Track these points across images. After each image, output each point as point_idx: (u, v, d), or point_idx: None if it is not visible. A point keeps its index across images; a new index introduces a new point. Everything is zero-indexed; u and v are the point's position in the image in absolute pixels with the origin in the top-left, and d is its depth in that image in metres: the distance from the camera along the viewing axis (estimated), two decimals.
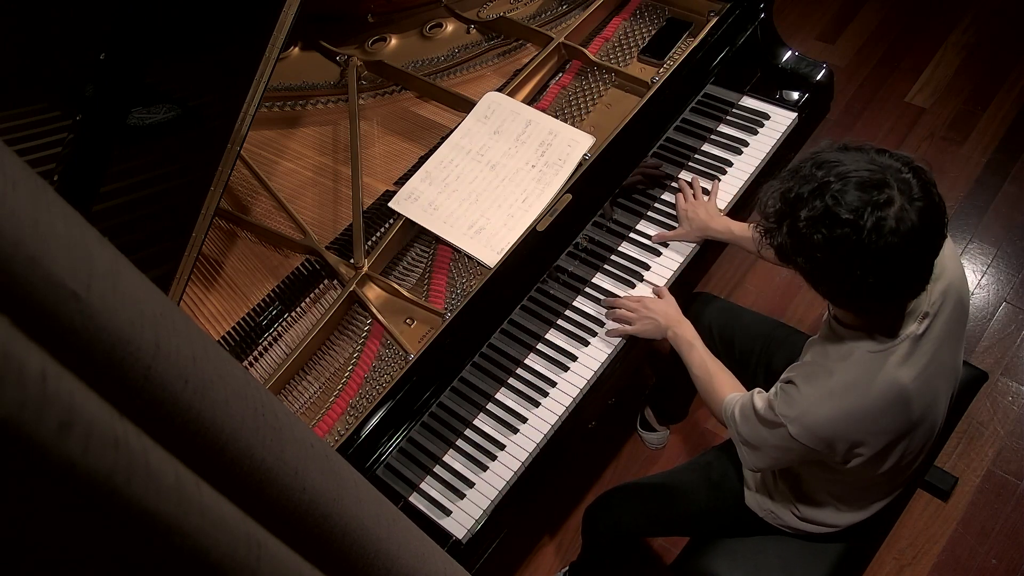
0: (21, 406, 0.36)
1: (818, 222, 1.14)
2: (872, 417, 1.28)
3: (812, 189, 1.15)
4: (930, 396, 1.34)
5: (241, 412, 0.55)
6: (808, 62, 2.02)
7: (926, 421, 1.36)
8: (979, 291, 2.55)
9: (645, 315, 1.66)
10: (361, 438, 1.51)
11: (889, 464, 1.39)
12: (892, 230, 1.11)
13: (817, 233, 1.14)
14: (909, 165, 1.16)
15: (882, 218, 1.11)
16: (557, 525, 2.27)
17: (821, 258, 1.16)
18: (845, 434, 1.30)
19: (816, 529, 1.57)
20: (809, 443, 1.31)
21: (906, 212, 1.11)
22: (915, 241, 1.12)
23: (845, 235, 1.12)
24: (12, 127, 1.59)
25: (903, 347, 1.26)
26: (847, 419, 1.28)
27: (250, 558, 0.51)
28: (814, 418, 1.29)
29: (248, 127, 1.53)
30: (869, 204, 1.11)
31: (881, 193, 1.11)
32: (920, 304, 1.26)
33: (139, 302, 0.47)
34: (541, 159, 1.79)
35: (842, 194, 1.12)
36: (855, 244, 1.12)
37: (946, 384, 1.39)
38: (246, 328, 1.67)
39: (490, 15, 2.10)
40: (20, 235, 0.39)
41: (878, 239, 1.11)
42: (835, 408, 1.28)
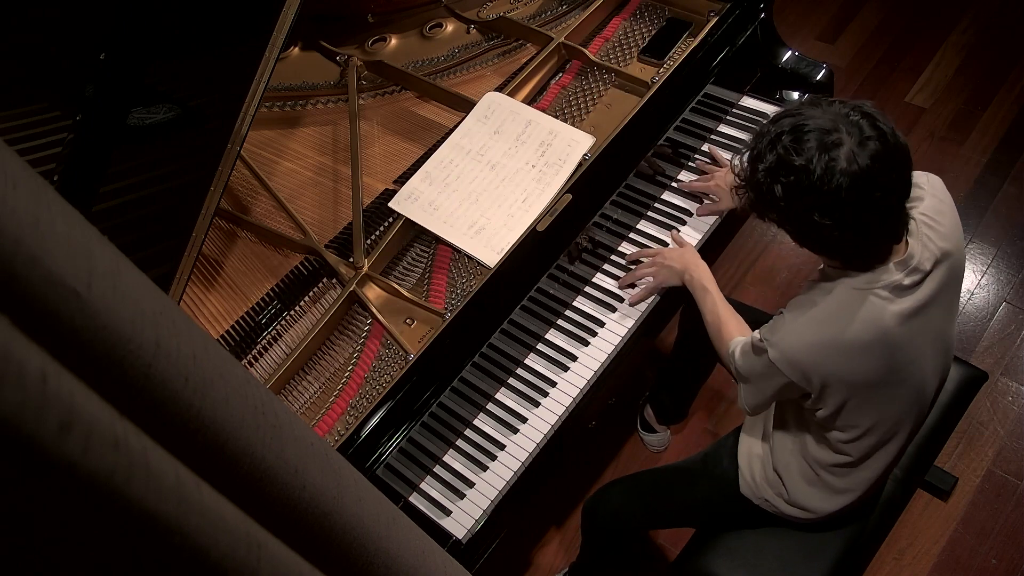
0: (21, 406, 0.36)
1: (774, 172, 1.21)
2: (849, 351, 1.30)
3: (768, 142, 1.23)
4: (915, 355, 1.35)
5: (241, 411, 0.55)
6: (808, 62, 2.02)
7: (909, 383, 1.37)
8: (979, 291, 2.55)
9: (662, 263, 1.69)
10: (361, 438, 1.51)
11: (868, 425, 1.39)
12: (843, 171, 1.16)
13: (776, 183, 1.21)
14: (860, 110, 1.21)
15: (832, 159, 1.16)
16: (557, 525, 2.27)
17: (785, 207, 1.23)
18: (820, 363, 1.31)
19: (806, 515, 1.56)
20: (785, 369, 1.32)
21: (856, 153, 1.16)
22: (868, 181, 1.17)
23: (800, 181, 1.18)
24: (12, 127, 1.59)
25: (886, 292, 1.28)
26: (824, 348, 1.30)
27: (250, 558, 0.51)
28: (792, 343, 1.32)
29: (248, 127, 1.53)
30: (818, 149, 1.17)
31: (830, 137, 1.17)
32: (912, 258, 1.28)
33: (139, 301, 0.47)
34: (541, 159, 1.79)
35: (794, 143, 1.19)
36: (810, 188, 1.18)
37: (934, 353, 1.39)
38: (246, 327, 1.67)
39: (490, 15, 2.10)
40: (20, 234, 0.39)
41: (830, 180, 1.16)
42: (814, 335, 1.30)
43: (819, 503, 1.54)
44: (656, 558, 2.19)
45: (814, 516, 1.56)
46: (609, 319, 1.74)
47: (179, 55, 1.63)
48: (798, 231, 1.27)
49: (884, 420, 1.40)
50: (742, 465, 1.63)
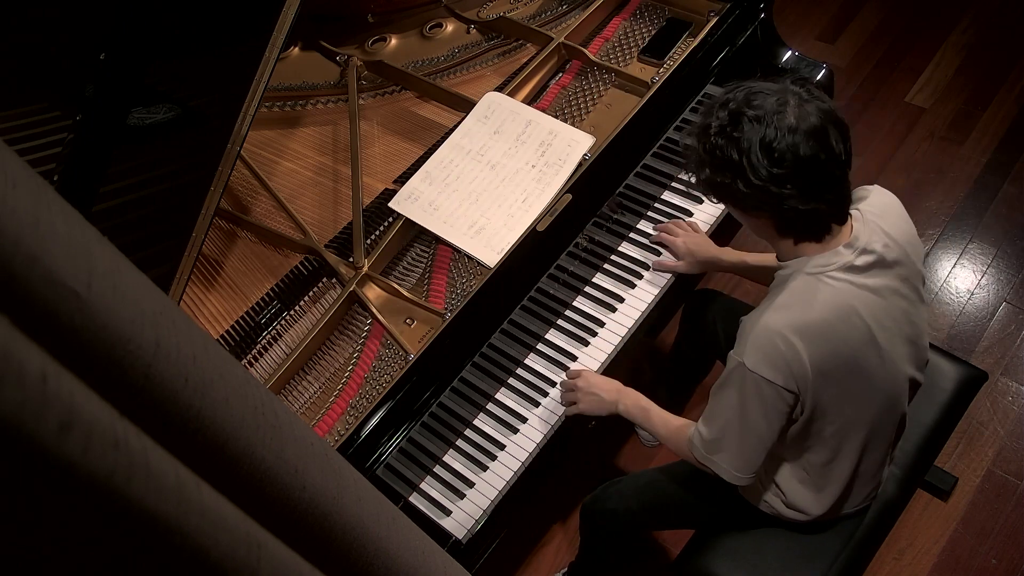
0: (21, 406, 0.36)
1: (726, 127, 1.26)
2: (819, 330, 1.30)
3: (718, 105, 1.29)
4: (884, 340, 1.35)
5: (241, 411, 0.55)
6: (808, 62, 2.02)
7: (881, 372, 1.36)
8: (979, 291, 2.55)
9: (588, 391, 1.61)
10: (361, 438, 1.51)
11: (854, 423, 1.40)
12: (791, 127, 1.23)
13: (729, 140, 1.26)
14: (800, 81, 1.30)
15: (782, 114, 1.23)
16: (557, 525, 2.27)
17: (737, 161, 1.25)
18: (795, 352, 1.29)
19: (803, 517, 1.56)
20: (765, 372, 1.29)
21: (803, 110, 1.24)
22: (815, 134, 1.23)
23: (751, 132, 1.24)
24: (12, 127, 1.59)
25: (840, 272, 1.31)
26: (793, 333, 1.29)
27: (250, 558, 0.51)
28: (762, 338, 1.31)
29: (248, 127, 1.53)
30: (768, 105, 1.24)
31: (777, 97, 1.25)
32: (857, 239, 1.32)
33: (139, 301, 0.47)
34: (541, 159, 1.79)
35: (745, 100, 1.26)
36: (762, 139, 1.23)
37: (905, 344, 1.39)
38: (246, 327, 1.67)
39: (490, 15, 2.10)
40: (20, 234, 0.39)
41: (780, 133, 1.22)
42: (780, 323, 1.30)
43: (811, 503, 1.53)
44: (656, 558, 2.19)
45: (809, 517, 1.56)
46: (609, 319, 1.74)
47: (179, 55, 1.63)
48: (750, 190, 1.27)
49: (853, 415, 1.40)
50: None
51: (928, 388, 1.75)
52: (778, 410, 1.33)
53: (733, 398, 1.35)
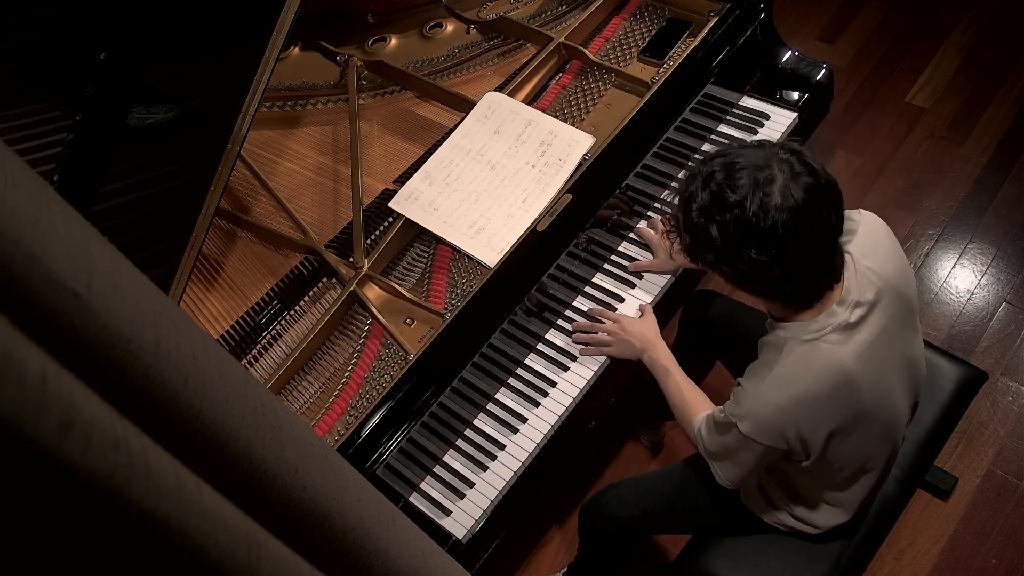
0: (21, 406, 0.36)
1: (709, 211, 1.20)
2: (817, 401, 1.29)
3: (701, 181, 1.22)
4: (881, 386, 1.34)
5: (241, 411, 0.55)
6: (808, 62, 2.02)
7: (881, 414, 1.36)
8: (979, 291, 2.55)
9: (622, 337, 1.65)
10: (361, 438, 1.51)
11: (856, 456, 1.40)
12: (777, 206, 1.16)
13: (711, 222, 1.20)
14: (789, 149, 1.21)
15: (767, 194, 1.16)
16: (557, 525, 2.27)
17: (721, 247, 1.21)
18: (793, 422, 1.30)
19: (811, 530, 1.57)
20: (760, 439, 1.31)
21: (790, 188, 1.16)
22: (802, 215, 1.16)
23: (735, 217, 1.18)
24: (12, 127, 1.59)
25: (835, 335, 1.28)
26: (792, 406, 1.29)
27: (250, 558, 0.51)
28: (760, 410, 1.30)
29: (248, 127, 1.53)
30: (752, 185, 1.17)
31: (763, 173, 1.17)
32: (849, 294, 1.28)
33: (139, 301, 0.47)
34: (541, 159, 1.79)
35: (727, 180, 1.19)
36: (746, 224, 1.17)
37: (901, 379, 1.39)
38: (246, 328, 1.67)
39: (490, 15, 2.10)
40: (20, 234, 0.39)
41: (765, 216, 1.16)
42: (779, 397, 1.29)
43: (819, 518, 1.54)
44: (656, 558, 2.19)
45: (818, 530, 1.56)
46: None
47: (179, 55, 1.63)
48: (735, 272, 1.25)
49: (862, 453, 1.41)
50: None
51: (928, 388, 1.74)
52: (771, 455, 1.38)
53: (728, 443, 1.38)
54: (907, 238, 2.67)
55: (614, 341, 1.66)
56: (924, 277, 2.59)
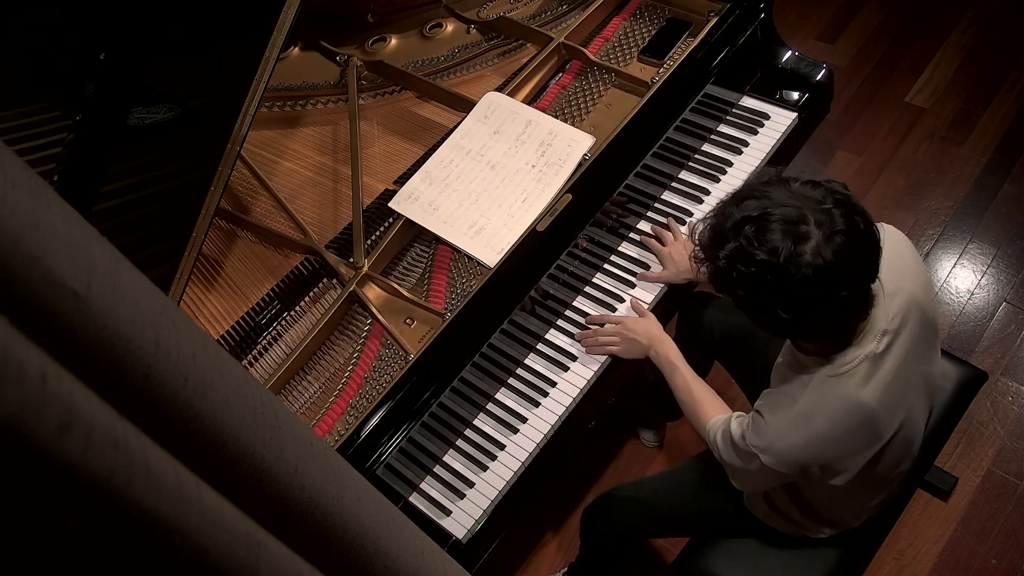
0: (21, 406, 0.36)
1: (735, 260, 1.15)
2: (839, 440, 1.29)
3: (730, 227, 1.16)
4: (901, 412, 1.33)
5: (241, 411, 0.55)
6: (808, 62, 2.02)
7: (901, 435, 1.36)
8: (979, 291, 2.55)
9: (627, 336, 1.65)
10: (361, 438, 1.51)
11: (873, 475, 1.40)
12: (808, 264, 1.10)
13: (735, 271, 1.16)
14: (834, 196, 1.14)
15: (797, 254, 1.10)
16: (557, 525, 2.27)
17: (743, 295, 1.18)
18: (815, 459, 1.31)
19: (814, 535, 1.57)
20: (782, 469, 1.32)
21: (822, 248, 1.10)
22: (834, 275, 1.12)
23: (761, 273, 1.13)
24: (12, 127, 1.59)
25: (862, 368, 1.25)
26: (814, 444, 1.29)
27: (250, 558, 0.51)
28: (782, 447, 1.29)
29: (248, 127, 1.53)
30: (785, 241, 1.11)
31: (797, 229, 1.11)
32: (876, 322, 1.25)
33: (139, 301, 0.47)
34: (541, 159, 1.79)
35: (758, 233, 1.13)
36: (771, 282, 1.13)
37: (920, 398, 1.39)
38: (246, 328, 1.67)
39: (490, 15, 2.10)
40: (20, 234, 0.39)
41: (794, 275, 1.11)
42: (801, 435, 1.28)
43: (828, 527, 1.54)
44: (656, 559, 2.19)
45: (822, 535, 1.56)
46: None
47: (179, 55, 1.63)
48: (757, 316, 1.23)
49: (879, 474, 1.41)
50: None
51: None
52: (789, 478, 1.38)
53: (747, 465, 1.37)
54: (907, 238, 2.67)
55: (620, 341, 1.65)
56: None
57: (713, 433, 1.47)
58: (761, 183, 1.21)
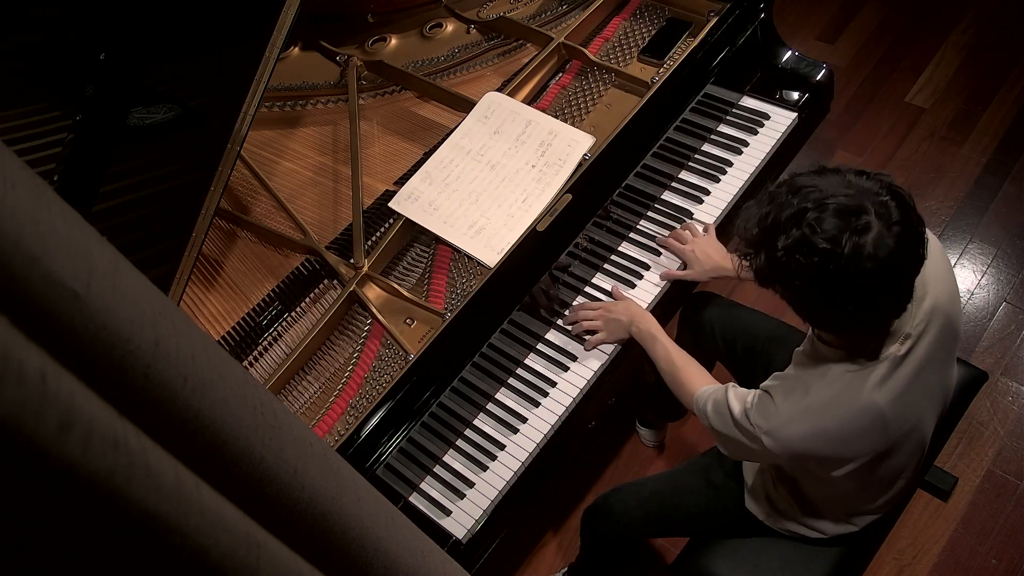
0: (21, 406, 0.36)
1: (795, 250, 1.13)
2: (845, 439, 1.28)
3: (789, 216, 1.14)
4: (912, 418, 1.33)
5: (240, 411, 0.55)
6: (808, 62, 2.02)
7: (909, 440, 1.36)
8: (979, 291, 2.55)
9: (609, 318, 1.66)
10: (361, 438, 1.51)
11: (876, 476, 1.40)
12: (870, 256, 1.10)
13: (794, 262, 1.13)
14: (888, 188, 1.14)
15: (860, 245, 1.10)
16: (557, 525, 2.27)
17: (799, 285, 1.16)
18: (817, 452, 1.30)
19: (815, 535, 1.57)
20: (781, 454, 1.31)
21: (884, 238, 1.10)
22: (893, 266, 1.11)
23: (823, 263, 1.11)
24: (12, 127, 1.59)
25: (882, 368, 1.25)
26: (820, 438, 1.28)
27: (250, 558, 0.51)
28: (788, 434, 1.29)
29: (248, 127, 1.53)
30: (846, 231, 1.10)
31: (859, 219, 1.10)
32: (903, 325, 1.25)
33: (139, 301, 0.47)
34: (541, 159, 1.79)
35: (819, 222, 1.11)
36: (833, 272, 1.11)
37: (932, 404, 1.38)
38: (246, 328, 1.67)
39: (490, 15, 2.10)
40: (20, 234, 0.39)
41: (856, 266, 1.10)
42: (809, 426, 1.28)
43: (829, 526, 1.54)
44: (655, 558, 2.19)
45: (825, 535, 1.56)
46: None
47: (179, 55, 1.63)
48: (810, 308, 1.21)
49: (884, 474, 1.41)
50: (746, 478, 1.63)
51: None
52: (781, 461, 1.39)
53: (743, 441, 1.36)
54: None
55: (602, 325, 1.67)
56: None
57: (703, 401, 1.45)
58: (812, 172, 1.19)
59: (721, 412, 1.41)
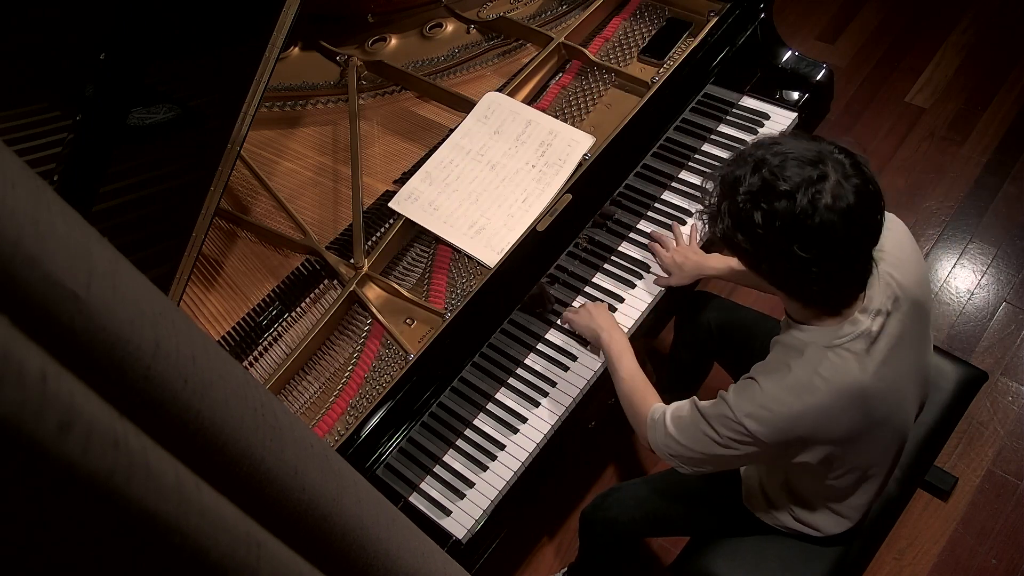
0: (21, 406, 0.36)
1: (757, 196, 1.17)
2: (830, 414, 1.28)
3: (751, 167, 1.19)
4: (894, 398, 1.33)
5: (240, 412, 0.55)
6: (808, 62, 2.02)
7: (890, 422, 1.36)
8: (979, 291, 2.55)
9: (588, 312, 1.67)
10: (361, 438, 1.51)
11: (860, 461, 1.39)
12: (828, 206, 1.13)
13: (756, 209, 1.17)
14: (842, 149, 1.19)
15: (818, 191, 1.13)
16: (557, 525, 2.27)
17: (761, 235, 1.18)
18: (806, 429, 1.29)
19: (812, 532, 1.56)
20: (765, 439, 1.29)
21: (842, 188, 1.14)
22: (850, 218, 1.14)
23: (783, 207, 1.15)
24: (12, 127, 1.59)
25: (858, 343, 1.26)
26: (806, 415, 1.28)
27: (250, 558, 0.51)
28: (773, 413, 1.28)
29: (248, 127, 1.53)
30: (806, 178, 1.14)
31: (817, 169, 1.15)
32: (872, 301, 1.27)
33: (139, 302, 0.47)
34: (541, 159, 1.79)
35: (780, 168, 1.16)
36: (793, 218, 1.14)
37: (913, 387, 1.39)
38: (246, 328, 1.67)
39: (490, 15, 2.10)
40: (20, 235, 0.39)
41: (814, 212, 1.13)
42: (794, 403, 1.27)
43: (824, 523, 1.54)
44: (655, 558, 2.19)
45: (822, 534, 1.56)
46: None
47: (179, 55, 1.63)
48: (769, 263, 1.22)
49: (867, 460, 1.40)
50: (744, 476, 1.63)
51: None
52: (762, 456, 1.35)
53: (714, 436, 1.34)
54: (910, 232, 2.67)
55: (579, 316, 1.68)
56: None
57: (659, 413, 1.44)
58: (770, 138, 1.24)
59: (682, 415, 1.39)
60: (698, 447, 1.38)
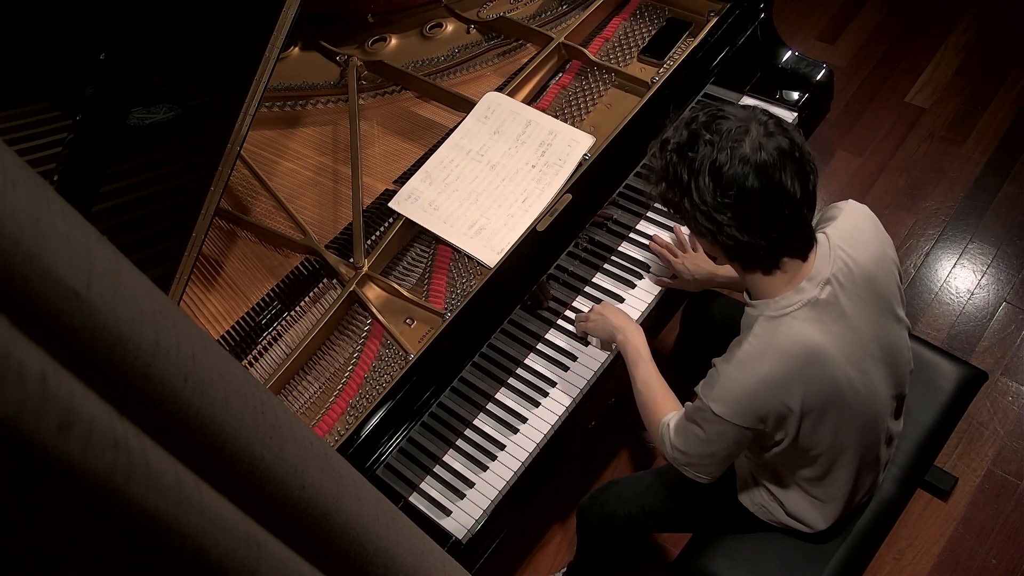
0: (21, 406, 0.36)
1: (683, 147, 1.26)
2: (782, 381, 1.29)
3: (683, 124, 1.29)
4: (856, 369, 1.33)
5: (240, 410, 0.55)
6: (808, 62, 2.02)
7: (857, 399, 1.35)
8: (979, 291, 2.55)
9: (602, 314, 1.67)
10: (361, 438, 1.51)
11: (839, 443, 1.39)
12: (743, 157, 1.20)
13: (682, 159, 1.25)
14: (774, 117, 1.27)
15: (737, 142, 1.21)
16: (557, 525, 2.27)
17: (685, 184, 1.25)
18: (767, 401, 1.30)
19: (803, 528, 1.56)
20: (734, 420, 1.31)
21: (762, 143, 1.21)
22: (766, 172, 1.20)
23: (703, 155, 1.22)
24: (12, 127, 1.59)
25: (805, 312, 1.28)
26: (764, 385, 1.29)
27: (250, 558, 0.51)
28: (732, 391, 1.30)
29: (248, 127, 1.53)
30: (727, 131, 1.22)
31: (741, 125, 1.23)
32: (819, 272, 1.29)
33: (138, 301, 0.47)
34: (541, 159, 1.79)
35: (706, 125, 1.25)
36: (711, 164, 1.22)
37: (879, 367, 1.38)
38: (246, 328, 1.67)
39: (490, 15, 2.10)
40: (20, 233, 0.39)
41: (731, 160, 1.20)
42: (750, 376, 1.29)
43: (813, 517, 1.54)
44: (656, 558, 2.19)
45: (812, 530, 1.56)
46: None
47: (179, 55, 1.63)
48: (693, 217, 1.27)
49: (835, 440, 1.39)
50: (739, 470, 1.63)
51: (928, 388, 1.75)
52: (746, 439, 1.37)
53: (700, 434, 1.37)
54: (907, 238, 2.67)
55: (594, 319, 1.67)
56: (924, 277, 2.59)
57: (665, 423, 1.47)
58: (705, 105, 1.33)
59: (678, 422, 1.43)
60: (695, 450, 1.40)
